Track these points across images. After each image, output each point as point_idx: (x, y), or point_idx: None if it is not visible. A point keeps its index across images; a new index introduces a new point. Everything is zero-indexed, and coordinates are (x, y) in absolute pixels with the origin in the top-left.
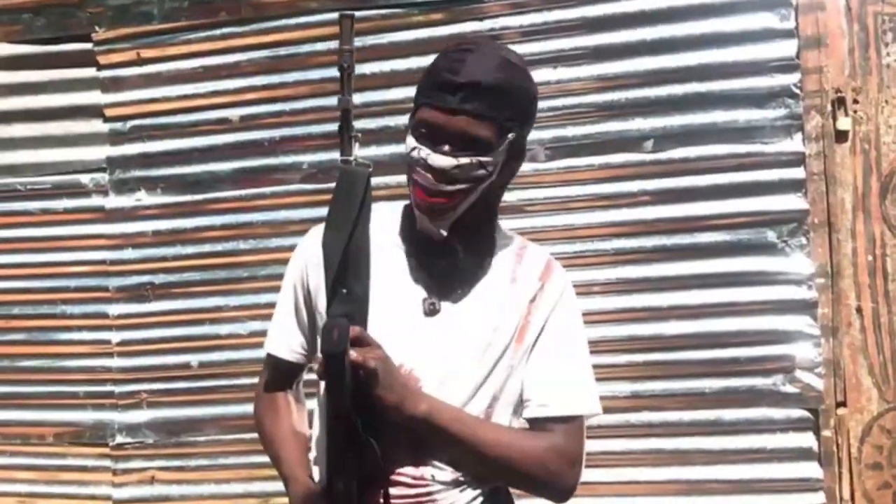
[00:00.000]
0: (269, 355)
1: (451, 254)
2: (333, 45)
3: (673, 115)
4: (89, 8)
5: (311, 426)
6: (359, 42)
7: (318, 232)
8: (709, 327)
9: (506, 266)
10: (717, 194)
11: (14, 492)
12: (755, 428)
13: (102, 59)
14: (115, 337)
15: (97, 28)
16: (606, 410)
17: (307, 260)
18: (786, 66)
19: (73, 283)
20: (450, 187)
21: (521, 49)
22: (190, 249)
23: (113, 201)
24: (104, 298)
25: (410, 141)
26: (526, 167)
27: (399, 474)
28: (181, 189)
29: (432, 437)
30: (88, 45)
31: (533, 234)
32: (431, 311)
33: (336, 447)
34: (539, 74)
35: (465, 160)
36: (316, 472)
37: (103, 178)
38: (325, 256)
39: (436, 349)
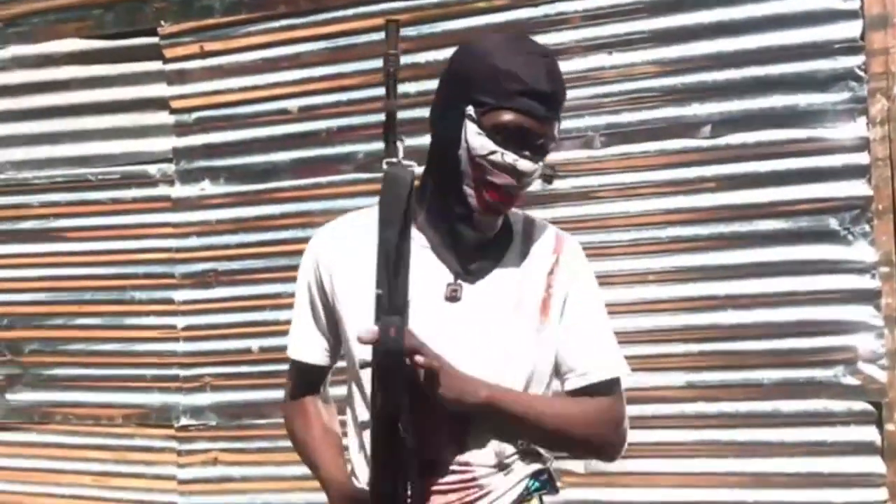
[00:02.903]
0: (293, 361)
1: (472, 240)
2: None
3: (731, 100)
4: (155, 3)
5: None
6: (413, 31)
7: (330, 232)
8: (767, 317)
9: (517, 243)
10: (777, 181)
11: (86, 470)
12: (815, 420)
13: (168, 53)
14: (181, 322)
15: (163, 22)
16: (661, 400)
17: (321, 258)
18: (849, 48)
19: (141, 269)
20: (523, 189)
21: (576, 34)
22: (252, 237)
23: (179, 191)
24: (170, 285)
25: (487, 143)
26: (580, 154)
27: (442, 461)
28: (243, 179)
29: (494, 420)
30: (155, 39)
31: (587, 221)
32: (454, 297)
33: (382, 447)
34: (594, 60)
35: (542, 163)
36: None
37: (170, 168)
38: (380, 255)
39: (464, 334)
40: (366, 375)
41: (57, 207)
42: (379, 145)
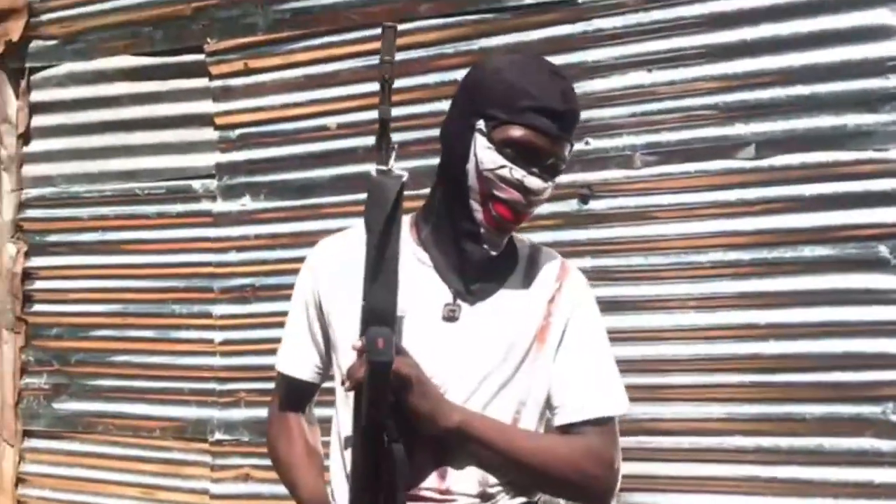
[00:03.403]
0: (282, 375)
1: (473, 261)
2: (427, 52)
3: (776, 120)
4: (202, 21)
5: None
6: (450, 49)
7: (326, 248)
8: (812, 348)
9: (521, 268)
10: (824, 205)
11: (124, 481)
12: (861, 460)
13: (214, 70)
14: (218, 336)
15: (209, 40)
16: (698, 433)
17: (317, 274)
18: None
19: (182, 283)
20: (531, 208)
21: (614, 51)
22: (289, 253)
23: (220, 206)
24: (209, 299)
25: (496, 158)
26: (618, 174)
27: (423, 488)
28: (283, 194)
29: (466, 448)
30: (201, 56)
31: (624, 244)
32: (451, 317)
33: (363, 465)
34: (633, 77)
35: (551, 183)
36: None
37: (212, 183)
38: (366, 266)
39: (457, 355)
40: (351, 392)
41: (105, 221)
42: (413, 163)
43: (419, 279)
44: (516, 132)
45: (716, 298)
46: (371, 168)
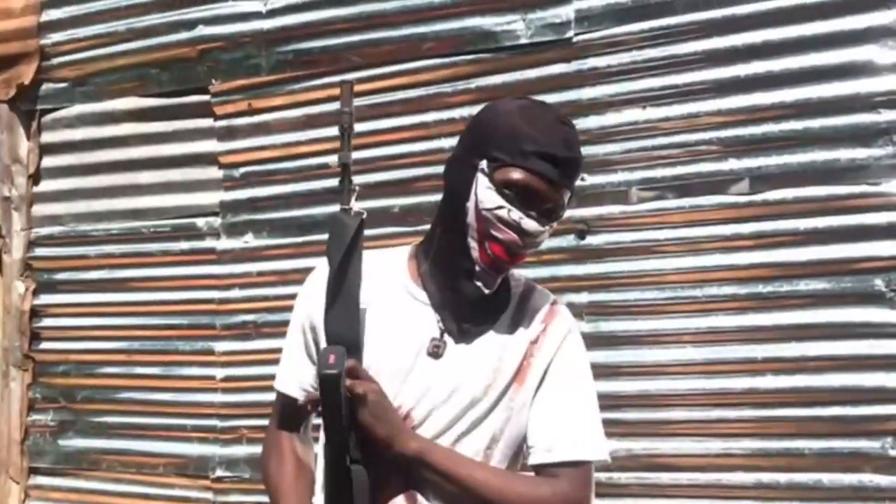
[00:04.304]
0: (278, 394)
1: (467, 298)
2: (426, 91)
3: (770, 155)
4: (207, 62)
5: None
6: (449, 88)
7: (324, 269)
8: (808, 382)
9: (512, 307)
10: (819, 239)
11: None
12: (859, 495)
13: (218, 110)
14: (220, 373)
15: (214, 81)
16: (697, 468)
17: (312, 297)
18: (893, 101)
19: (185, 320)
20: (527, 249)
21: (609, 89)
22: (291, 290)
23: (223, 243)
24: (211, 336)
25: (495, 198)
26: (614, 209)
27: None
28: (285, 232)
29: (426, 476)
30: (206, 97)
31: (620, 279)
32: (436, 353)
33: (331, 486)
34: (627, 114)
35: (548, 227)
36: None
37: (216, 221)
38: (327, 293)
39: (437, 391)
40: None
41: (112, 259)
42: (415, 199)
43: (409, 313)
44: (517, 175)
45: (713, 333)
46: (337, 207)
